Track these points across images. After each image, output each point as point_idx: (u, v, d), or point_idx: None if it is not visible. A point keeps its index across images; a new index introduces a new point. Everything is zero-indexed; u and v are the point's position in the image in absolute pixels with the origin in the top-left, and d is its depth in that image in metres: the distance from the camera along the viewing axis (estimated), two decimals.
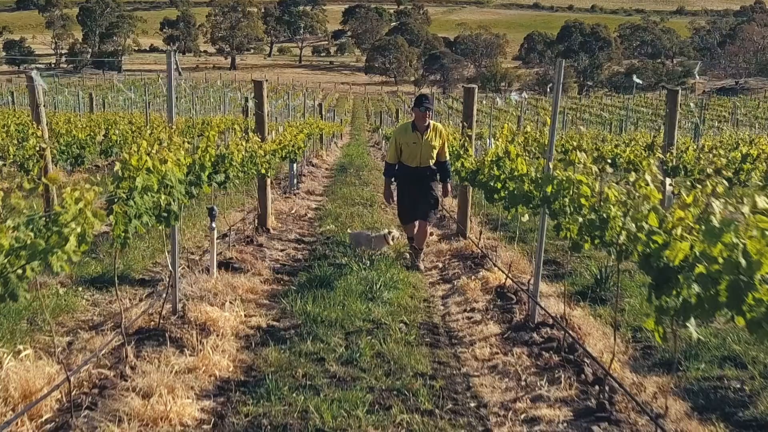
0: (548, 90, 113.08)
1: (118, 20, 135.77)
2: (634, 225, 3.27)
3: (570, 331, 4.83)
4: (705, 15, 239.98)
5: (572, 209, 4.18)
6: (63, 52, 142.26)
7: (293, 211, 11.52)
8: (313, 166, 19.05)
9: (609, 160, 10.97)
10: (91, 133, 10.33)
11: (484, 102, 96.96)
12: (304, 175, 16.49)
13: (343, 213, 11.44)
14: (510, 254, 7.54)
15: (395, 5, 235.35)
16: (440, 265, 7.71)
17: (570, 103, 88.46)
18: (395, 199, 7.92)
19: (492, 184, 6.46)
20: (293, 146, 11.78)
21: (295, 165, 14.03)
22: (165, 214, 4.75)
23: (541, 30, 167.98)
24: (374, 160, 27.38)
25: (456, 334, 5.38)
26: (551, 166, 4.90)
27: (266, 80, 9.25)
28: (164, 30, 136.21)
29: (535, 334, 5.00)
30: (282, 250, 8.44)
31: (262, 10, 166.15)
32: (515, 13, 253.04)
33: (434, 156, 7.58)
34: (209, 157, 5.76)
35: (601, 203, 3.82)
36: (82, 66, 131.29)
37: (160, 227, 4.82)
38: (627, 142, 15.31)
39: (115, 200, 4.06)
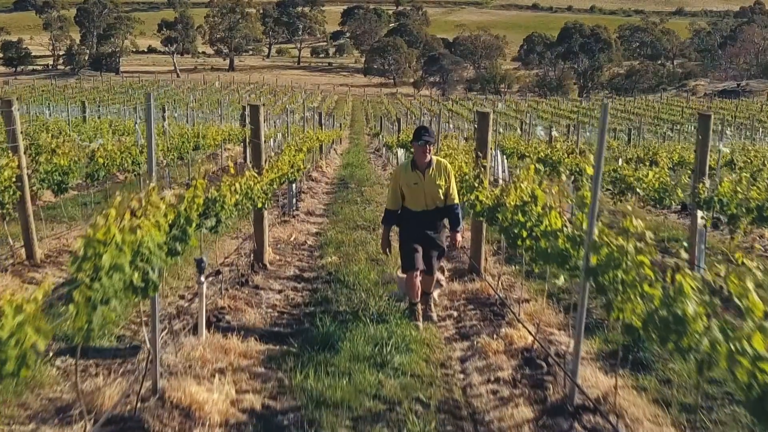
0: (548, 93, 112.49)
1: (115, 21, 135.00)
2: (732, 345, 2.55)
3: (619, 425, 4.10)
4: (704, 16, 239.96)
5: (633, 295, 3.45)
6: (60, 53, 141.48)
7: (292, 238, 10.79)
8: (312, 180, 18.33)
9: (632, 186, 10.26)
10: (75, 158, 9.62)
11: (484, 104, 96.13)
12: (303, 192, 15.77)
13: (345, 240, 10.73)
14: (534, 304, 6.81)
15: (394, 6, 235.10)
16: (455, 313, 6.97)
17: (571, 106, 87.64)
18: (395, 247, 6.83)
19: (516, 231, 5.73)
20: (293, 168, 11.06)
21: (293, 185, 13.30)
22: (142, 284, 4.03)
23: (540, 31, 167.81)
24: (375, 169, 26.68)
25: (482, 417, 4.64)
26: (596, 230, 4.16)
27: (263, 104, 8.53)
28: (162, 31, 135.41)
29: (576, 424, 4.27)
30: (280, 292, 7.71)
31: (261, 11, 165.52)
32: (514, 14, 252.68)
33: (442, 196, 6.59)
34: (197, 207, 5.03)
35: (673, 295, 3.09)
36: (79, 68, 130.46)
37: (135, 299, 4.08)
38: (645, 160, 14.59)
39: (77, 285, 3.34)
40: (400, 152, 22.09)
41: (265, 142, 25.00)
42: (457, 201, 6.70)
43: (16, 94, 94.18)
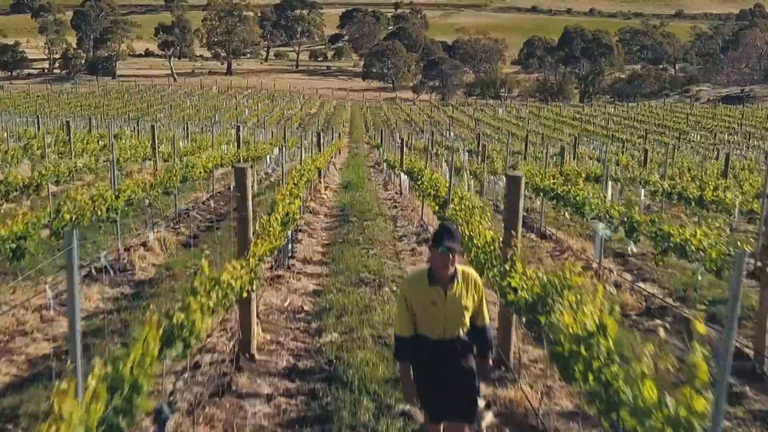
0: (549, 98, 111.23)
1: (112, 26, 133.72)
2: None
3: None
4: (704, 18, 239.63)
5: None
6: (57, 56, 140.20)
7: (287, 304, 9.42)
8: (310, 212, 16.97)
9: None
10: (34, 219, 8.25)
11: (484, 110, 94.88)
12: (300, 231, 14.40)
13: (348, 303, 9.38)
14: None
15: (392, 9, 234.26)
16: None
17: (572, 112, 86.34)
18: (417, 392, 4.90)
19: (578, 368, 4.37)
20: (288, 218, 9.71)
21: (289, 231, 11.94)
22: None
23: (540, 34, 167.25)
24: (377, 190, 25.36)
25: None
26: None
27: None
28: (159, 36, 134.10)
29: None
30: (269, 399, 6.32)
31: (259, 14, 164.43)
32: (513, 17, 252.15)
33: (467, 321, 4.80)
34: (149, 363, 3.67)
35: None
36: (75, 72, 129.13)
37: None
38: (673, 194, 13.20)
39: None
40: (404, 177, 20.70)
41: (258, 158, 23.28)
42: (488, 322, 4.97)
43: (10, 100, 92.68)
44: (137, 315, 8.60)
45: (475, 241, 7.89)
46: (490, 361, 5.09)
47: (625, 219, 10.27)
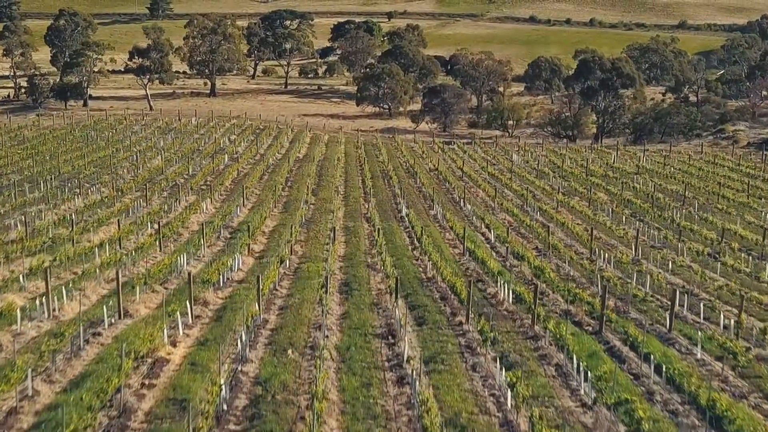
0: (562, 132, 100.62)
1: (83, 48, 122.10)
2: None
3: None
4: (708, 29, 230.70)
5: None
6: (22, 74, 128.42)
7: None
8: None
9: None
10: None
11: (497, 155, 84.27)
12: None
13: None
14: None
15: (386, 18, 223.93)
16: None
17: (600, 162, 75.27)
18: None
19: None
20: None
21: None
22: None
23: (540, 46, 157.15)
24: None
25: None
26: None
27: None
28: (134, 59, 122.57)
29: None
30: None
31: (245, 30, 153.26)
32: (511, 27, 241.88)
33: None
34: None
35: None
36: (42, 99, 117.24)
37: None
38: None
39: None
40: None
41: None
42: None
43: None
44: None
45: None
46: None
47: None
